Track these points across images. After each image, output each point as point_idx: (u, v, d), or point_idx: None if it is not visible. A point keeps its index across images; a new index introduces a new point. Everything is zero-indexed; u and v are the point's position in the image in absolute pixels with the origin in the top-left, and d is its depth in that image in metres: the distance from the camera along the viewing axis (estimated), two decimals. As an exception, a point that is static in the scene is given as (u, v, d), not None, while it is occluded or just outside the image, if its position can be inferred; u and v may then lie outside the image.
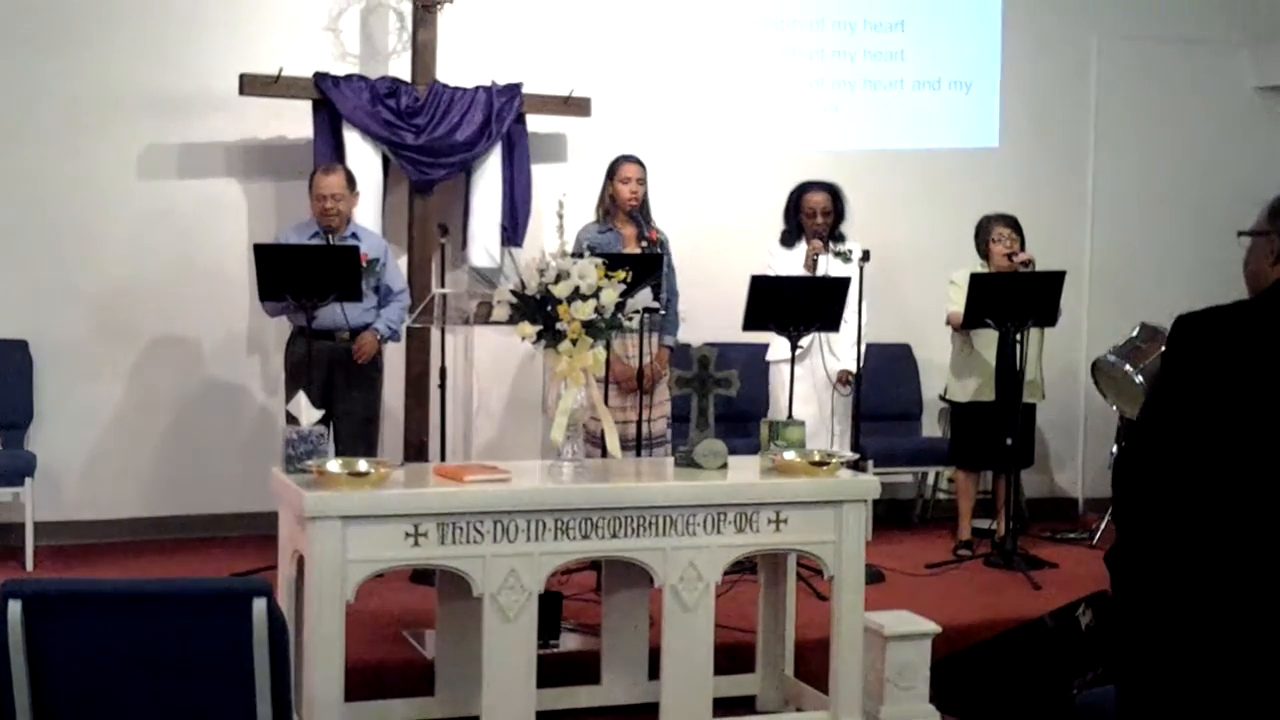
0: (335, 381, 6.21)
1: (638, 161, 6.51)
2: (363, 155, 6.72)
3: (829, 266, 6.57)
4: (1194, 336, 2.72)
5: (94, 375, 6.83)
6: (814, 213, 6.73)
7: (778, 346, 6.68)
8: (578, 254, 4.59)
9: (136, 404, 6.91)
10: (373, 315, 6.27)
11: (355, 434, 6.18)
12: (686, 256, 6.68)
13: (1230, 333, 2.71)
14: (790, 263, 6.70)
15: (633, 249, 6.33)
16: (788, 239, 6.81)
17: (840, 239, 6.73)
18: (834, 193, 6.79)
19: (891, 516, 7.41)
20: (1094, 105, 8.25)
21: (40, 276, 6.75)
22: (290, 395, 5.65)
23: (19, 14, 6.71)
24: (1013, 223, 6.91)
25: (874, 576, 5.65)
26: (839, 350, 6.71)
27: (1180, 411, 2.69)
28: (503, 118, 6.93)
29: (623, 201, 6.44)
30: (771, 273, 6.59)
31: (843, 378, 6.73)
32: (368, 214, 6.57)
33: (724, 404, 4.94)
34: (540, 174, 7.14)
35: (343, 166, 6.38)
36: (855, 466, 5.06)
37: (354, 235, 6.24)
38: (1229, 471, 2.65)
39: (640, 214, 6.45)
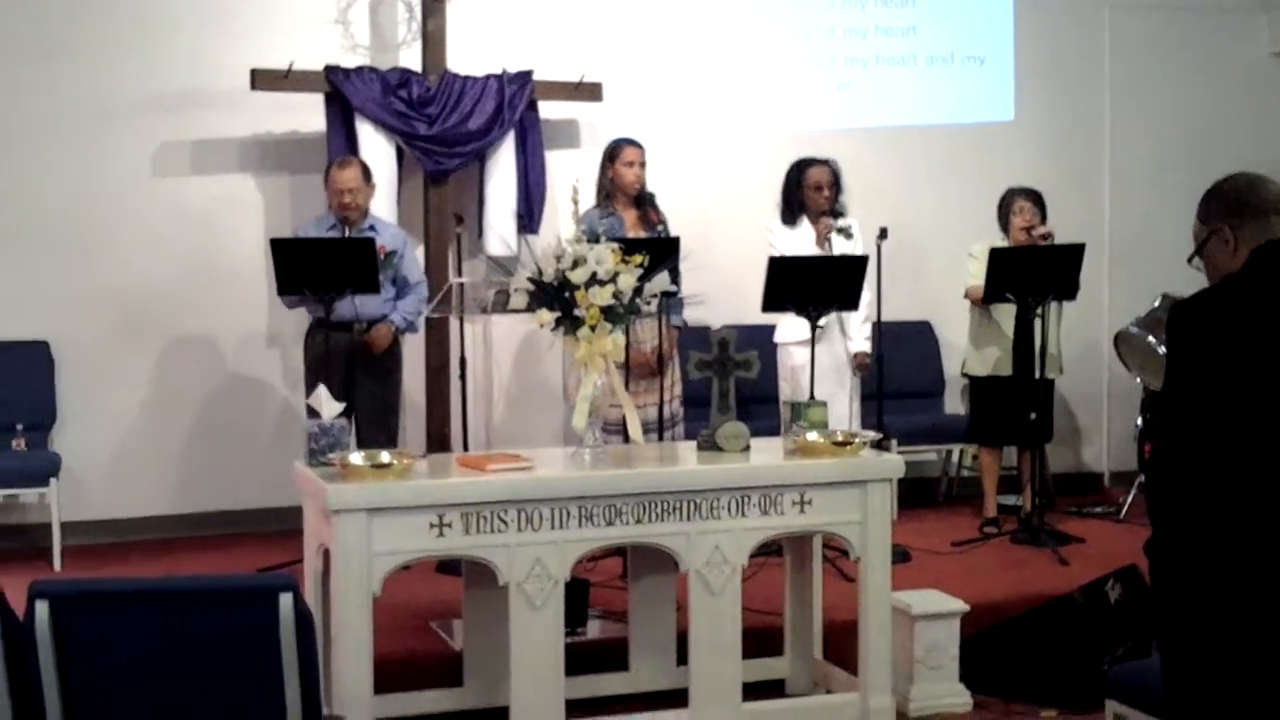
0: (354, 373, 6.20)
1: (638, 145, 6.48)
2: (376, 147, 6.71)
3: (832, 243, 6.53)
4: (1191, 322, 2.78)
5: (115, 374, 6.84)
6: (820, 186, 6.60)
7: (786, 328, 6.58)
8: (594, 239, 4.57)
9: (158, 401, 6.92)
10: (390, 307, 6.26)
11: (375, 425, 6.18)
12: (700, 239, 6.62)
13: (1224, 312, 2.75)
14: (794, 241, 6.56)
15: (635, 232, 6.29)
16: (788, 217, 6.67)
17: (839, 215, 6.67)
18: (832, 167, 6.69)
19: (916, 495, 7.39)
20: (1109, 76, 8.19)
21: (59, 277, 6.75)
22: (310, 388, 5.65)
23: (30, 17, 6.71)
24: (1035, 196, 6.87)
25: (900, 556, 5.64)
26: (850, 330, 6.65)
27: (1193, 396, 2.73)
28: (515, 105, 6.92)
29: (627, 185, 6.40)
30: (775, 253, 6.43)
31: (860, 360, 6.66)
32: (383, 205, 6.57)
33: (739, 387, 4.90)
34: (554, 160, 7.12)
35: (357, 159, 6.38)
36: (879, 445, 5.03)
37: (372, 227, 6.23)
38: (1249, 446, 2.67)
39: (643, 197, 6.42)
